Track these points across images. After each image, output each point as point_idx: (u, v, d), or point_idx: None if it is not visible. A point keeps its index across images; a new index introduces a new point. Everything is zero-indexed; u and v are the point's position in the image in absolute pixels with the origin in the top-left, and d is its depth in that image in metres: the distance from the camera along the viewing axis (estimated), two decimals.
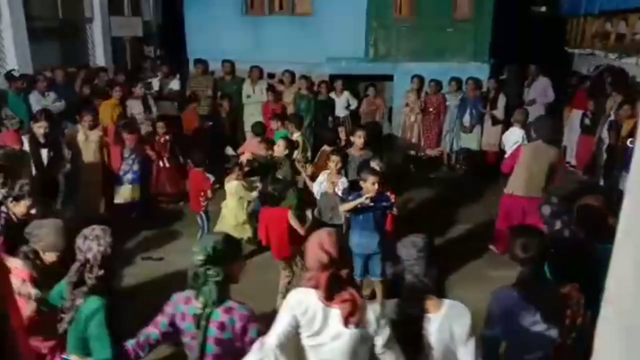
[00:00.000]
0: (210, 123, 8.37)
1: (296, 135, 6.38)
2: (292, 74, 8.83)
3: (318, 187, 4.97)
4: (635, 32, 10.10)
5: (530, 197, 5.10)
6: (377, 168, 4.58)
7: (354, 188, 4.71)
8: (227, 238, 2.42)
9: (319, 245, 2.21)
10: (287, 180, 4.91)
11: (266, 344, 2.11)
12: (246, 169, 5.41)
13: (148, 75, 9.14)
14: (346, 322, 2.12)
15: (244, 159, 5.52)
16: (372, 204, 4.18)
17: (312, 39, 9.45)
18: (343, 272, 2.19)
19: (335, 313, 2.15)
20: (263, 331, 2.23)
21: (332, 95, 8.73)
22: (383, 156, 5.01)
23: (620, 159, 6.31)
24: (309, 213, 5.03)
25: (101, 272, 2.52)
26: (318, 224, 4.73)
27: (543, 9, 16.40)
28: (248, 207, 5.45)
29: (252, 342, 2.21)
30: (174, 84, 8.90)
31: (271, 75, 9.32)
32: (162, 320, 2.40)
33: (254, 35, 9.73)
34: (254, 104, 8.66)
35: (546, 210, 3.55)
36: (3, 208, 3.44)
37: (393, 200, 4.30)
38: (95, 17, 9.62)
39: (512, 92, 8.83)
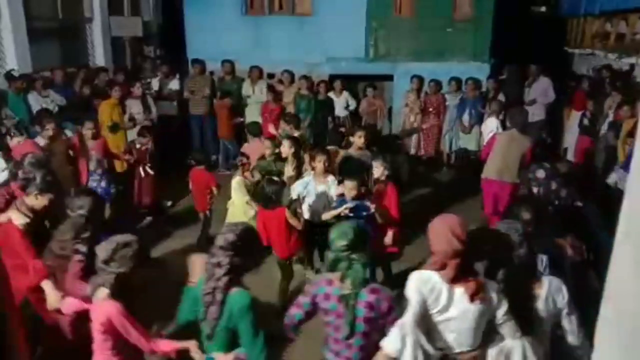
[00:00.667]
0: (241, 119, 8.42)
1: (296, 135, 6.35)
2: (292, 74, 8.82)
3: (302, 188, 4.79)
4: (636, 32, 10.10)
5: (502, 181, 5.48)
6: (382, 168, 4.59)
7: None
8: (359, 226, 2.66)
9: (450, 231, 2.39)
10: (283, 182, 4.87)
11: (405, 322, 2.34)
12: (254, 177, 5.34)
13: (148, 75, 9.14)
14: (472, 299, 2.36)
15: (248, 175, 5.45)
16: (351, 214, 4.13)
17: (312, 39, 9.46)
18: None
19: (460, 291, 2.39)
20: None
21: (332, 95, 8.73)
22: (387, 156, 4.96)
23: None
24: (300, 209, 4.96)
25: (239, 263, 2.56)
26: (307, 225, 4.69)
27: (543, 9, 16.40)
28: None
29: (394, 320, 2.42)
30: (174, 84, 8.90)
31: (271, 76, 9.32)
32: (304, 301, 2.60)
33: (254, 35, 9.72)
34: (253, 104, 8.65)
35: (541, 173, 3.99)
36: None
37: (373, 210, 4.24)
38: (95, 17, 9.61)
39: (512, 92, 8.83)
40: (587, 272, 3.08)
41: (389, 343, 2.35)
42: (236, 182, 5.24)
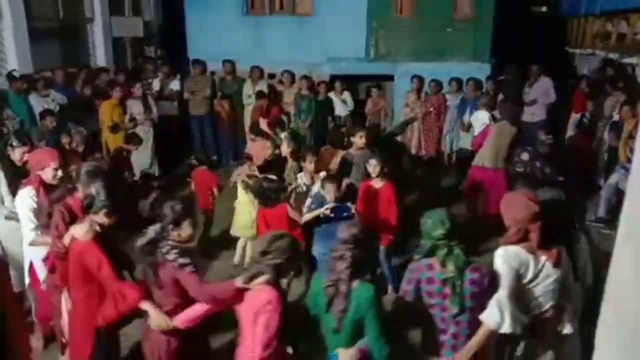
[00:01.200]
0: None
1: (283, 136, 6.34)
2: (292, 74, 8.82)
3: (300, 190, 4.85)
4: (637, 32, 10.10)
5: (495, 168, 5.98)
6: (378, 167, 4.59)
7: (351, 190, 4.71)
8: (449, 211, 2.83)
9: (525, 196, 2.69)
10: (282, 179, 4.88)
11: (501, 296, 2.58)
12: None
13: (149, 76, 9.14)
14: (555, 265, 2.66)
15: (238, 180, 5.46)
16: (332, 214, 4.17)
17: (312, 39, 9.46)
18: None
19: (544, 259, 2.67)
20: None
21: (332, 95, 8.72)
22: (383, 156, 4.96)
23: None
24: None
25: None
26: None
27: (544, 9, 16.41)
28: None
29: (492, 293, 2.62)
30: (174, 84, 8.90)
31: (272, 76, 9.31)
32: (409, 288, 2.77)
33: (254, 35, 9.73)
34: (254, 104, 8.64)
35: (525, 156, 4.85)
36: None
37: (353, 211, 4.26)
38: (96, 18, 9.62)
39: (512, 92, 8.82)
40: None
41: (490, 317, 2.58)
42: (239, 183, 5.23)
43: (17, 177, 4.00)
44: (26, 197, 3.57)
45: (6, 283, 2.47)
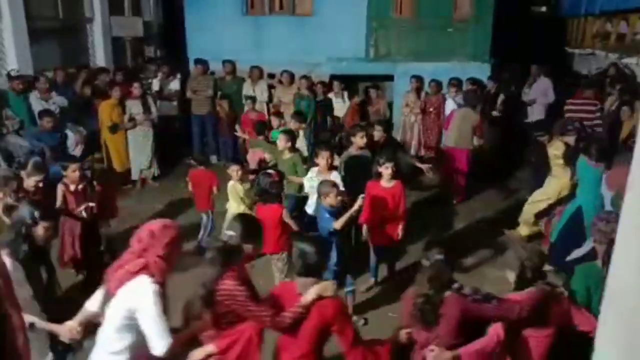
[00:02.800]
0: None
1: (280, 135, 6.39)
2: (291, 74, 8.82)
3: (308, 183, 4.93)
4: (636, 32, 10.10)
5: (460, 148, 7.04)
6: (392, 168, 4.63)
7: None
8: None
9: None
10: (280, 174, 4.89)
11: None
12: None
13: (148, 76, 9.13)
14: None
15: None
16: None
17: (312, 39, 9.46)
18: None
19: None
20: None
21: (331, 95, 8.71)
22: (391, 155, 4.96)
23: None
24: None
25: None
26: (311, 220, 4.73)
27: (543, 9, 16.41)
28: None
29: None
30: (174, 84, 8.89)
31: (271, 76, 9.32)
32: None
33: (254, 35, 9.72)
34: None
35: None
36: None
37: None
38: (96, 17, 9.62)
39: (512, 92, 8.83)
40: None
41: None
42: (230, 185, 5.27)
43: None
44: None
45: (5, 282, 2.47)
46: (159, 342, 2.37)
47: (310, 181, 4.94)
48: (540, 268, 2.88)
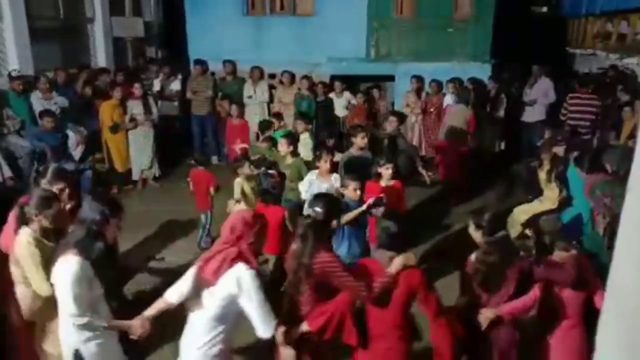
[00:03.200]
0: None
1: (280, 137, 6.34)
2: (292, 75, 8.82)
3: (307, 187, 4.83)
4: (637, 32, 10.10)
5: (449, 141, 7.40)
6: (391, 169, 4.63)
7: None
8: None
9: None
10: (282, 174, 4.88)
11: None
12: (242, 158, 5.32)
13: (149, 76, 9.14)
14: None
15: (237, 147, 5.45)
16: (372, 210, 4.11)
17: (313, 39, 9.47)
18: None
19: None
20: None
21: (332, 95, 8.71)
22: (390, 156, 4.96)
23: None
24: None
25: None
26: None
27: (544, 9, 16.40)
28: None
29: None
30: (175, 85, 8.89)
31: (272, 76, 9.32)
32: None
33: (255, 35, 9.73)
34: (255, 105, 8.66)
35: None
36: None
37: (385, 201, 4.18)
38: (97, 18, 9.62)
39: (513, 92, 8.82)
40: None
41: None
42: (237, 182, 5.23)
43: None
44: None
45: (6, 282, 2.47)
46: (266, 326, 2.51)
47: (309, 185, 4.85)
48: (558, 234, 3.23)
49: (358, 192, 4.16)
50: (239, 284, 2.48)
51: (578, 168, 4.96)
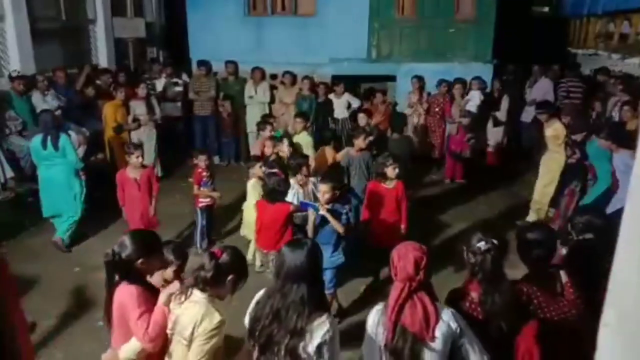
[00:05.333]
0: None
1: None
2: (293, 75, 8.82)
3: (292, 196, 4.81)
4: (639, 32, 10.07)
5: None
6: (396, 169, 4.64)
7: (350, 192, 4.71)
8: None
9: None
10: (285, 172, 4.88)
11: None
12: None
13: (152, 77, 9.15)
14: None
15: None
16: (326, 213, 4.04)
17: (314, 39, 9.47)
18: None
19: None
20: None
21: (332, 97, 8.70)
22: (394, 156, 4.96)
23: None
24: None
25: None
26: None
27: (545, 9, 16.37)
28: None
29: None
30: (178, 86, 8.90)
31: (273, 76, 9.33)
32: None
33: (256, 35, 9.74)
34: (256, 105, 8.66)
35: None
36: None
37: (347, 209, 4.18)
38: (98, 19, 9.64)
39: (514, 92, 8.82)
40: None
41: None
42: (251, 184, 5.20)
43: None
44: None
45: (7, 282, 2.47)
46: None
47: (294, 194, 4.83)
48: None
49: (326, 195, 4.06)
50: (451, 326, 2.24)
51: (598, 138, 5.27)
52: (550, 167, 6.14)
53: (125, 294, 2.57)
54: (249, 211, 5.15)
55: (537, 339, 2.46)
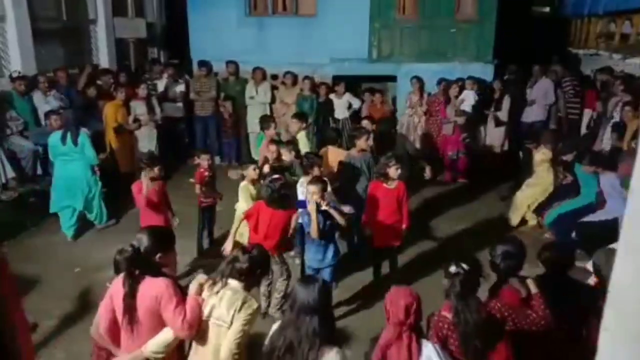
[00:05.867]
0: None
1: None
2: (294, 75, 8.82)
3: (300, 192, 4.83)
4: None
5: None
6: (399, 170, 4.64)
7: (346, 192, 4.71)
8: None
9: None
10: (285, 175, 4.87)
11: None
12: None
13: (153, 77, 9.16)
14: None
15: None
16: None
17: (315, 39, 9.46)
18: None
19: None
20: None
21: (333, 97, 8.70)
22: (398, 156, 4.95)
23: None
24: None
25: None
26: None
27: (546, 9, 16.35)
28: None
29: None
30: (180, 86, 8.89)
31: (274, 76, 9.33)
32: None
33: (257, 36, 9.73)
34: (257, 105, 8.66)
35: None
36: None
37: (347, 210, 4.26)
38: (99, 19, 9.64)
39: (515, 92, 8.81)
40: None
41: None
42: (242, 187, 5.22)
43: None
44: None
45: (7, 281, 2.47)
46: None
47: (301, 187, 4.85)
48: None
49: (315, 196, 4.08)
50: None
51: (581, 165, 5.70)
52: (537, 182, 6.45)
53: (159, 286, 2.66)
54: (238, 212, 5.13)
55: (511, 354, 2.62)
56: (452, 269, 2.67)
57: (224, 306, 2.64)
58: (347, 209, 4.52)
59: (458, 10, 9.68)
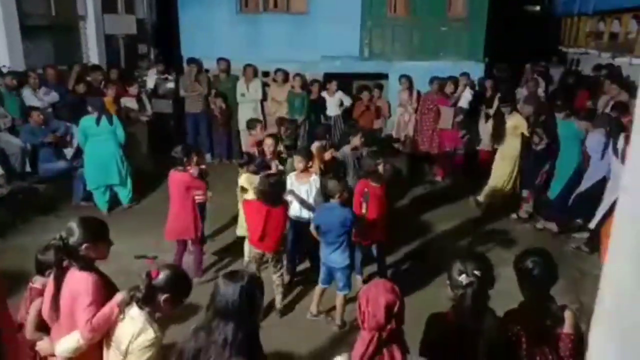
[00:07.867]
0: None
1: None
2: (285, 73, 8.79)
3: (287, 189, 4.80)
4: (629, 32, 10.15)
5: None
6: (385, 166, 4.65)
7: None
8: None
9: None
10: (282, 173, 4.85)
11: None
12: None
13: (143, 74, 9.09)
14: None
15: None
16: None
17: (306, 37, 9.44)
18: None
19: None
20: None
21: (324, 94, 8.68)
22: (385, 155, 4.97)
23: None
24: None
25: None
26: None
27: (537, 8, 16.46)
28: None
29: None
30: (170, 83, 8.84)
31: (265, 74, 9.29)
32: None
33: (248, 33, 9.69)
34: (248, 103, 8.63)
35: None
36: None
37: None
38: (89, 15, 9.54)
39: (506, 91, 8.84)
40: None
41: None
42: (243, 177, 5.15)
43: None
44: None
45: None
46: None
47: (290, 186, 4.83)
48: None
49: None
50: None
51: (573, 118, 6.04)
52: (507, 154, 6.71)
53: (80, 280, 2.54)
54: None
55: None
56: (463, 278, 2.17)
57: (121, 334, 2.42)
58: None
59: (449, 8, 9.71)
